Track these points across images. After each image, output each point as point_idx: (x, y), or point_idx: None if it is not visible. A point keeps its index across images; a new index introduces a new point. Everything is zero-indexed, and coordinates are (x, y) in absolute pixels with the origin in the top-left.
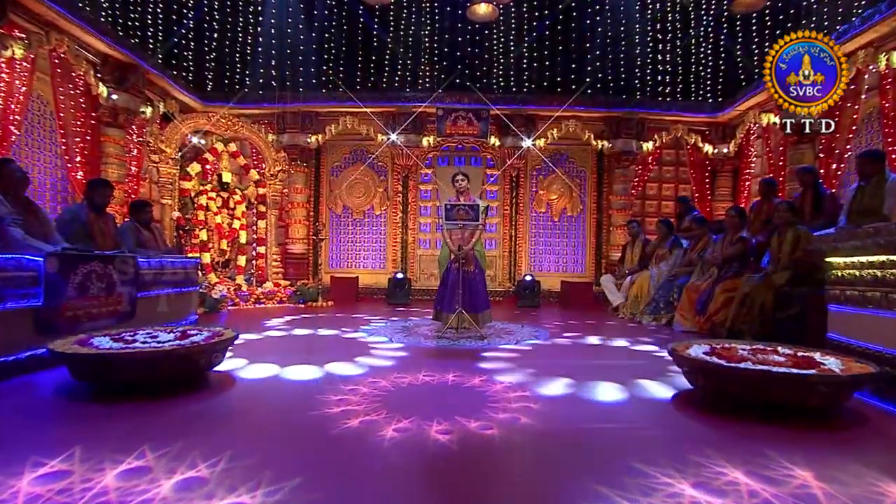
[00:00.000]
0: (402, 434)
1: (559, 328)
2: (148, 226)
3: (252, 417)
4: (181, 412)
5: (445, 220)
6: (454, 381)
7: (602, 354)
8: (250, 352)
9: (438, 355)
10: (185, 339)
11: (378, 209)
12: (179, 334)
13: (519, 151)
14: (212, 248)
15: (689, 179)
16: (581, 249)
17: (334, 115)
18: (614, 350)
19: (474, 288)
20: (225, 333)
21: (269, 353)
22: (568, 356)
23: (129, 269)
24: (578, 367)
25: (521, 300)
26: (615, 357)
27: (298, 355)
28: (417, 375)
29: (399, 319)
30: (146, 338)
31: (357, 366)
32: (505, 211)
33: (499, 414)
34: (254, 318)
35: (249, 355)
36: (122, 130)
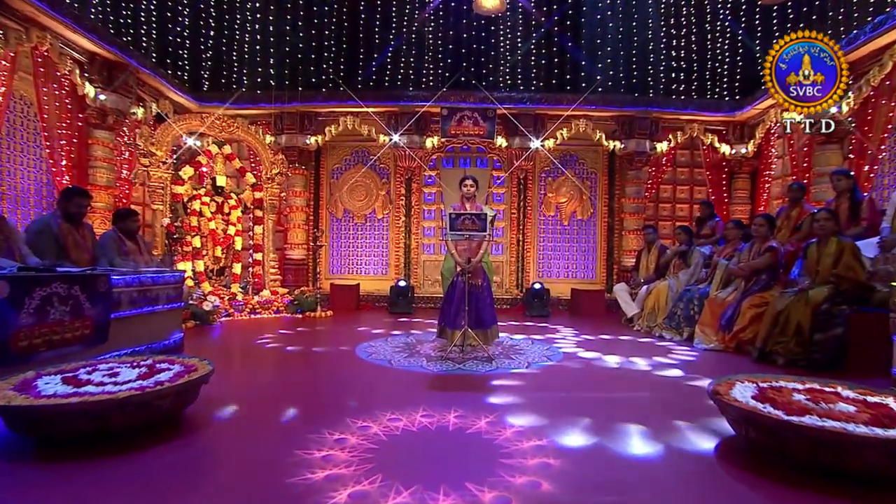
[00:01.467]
0: None
1: (574, 344)
2: (133, 236)
3: (222, 476)
4: (139, 471)
5: (449, 230)
6: (456, 423)
7: (623, 383)
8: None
9: (441, 385)
10: (150, 378)
11: (380, 213)
12: (145, 370)
13: (527, 153)
14: (206, 256)
15: (704, 181)
16: (592, 255)
17: (334, 115)
18: (635, 376)
19: (481, 303)
20: (199, 367)
21: (255, 378)
22: (586, 385)
23: (100, 287)
24: (599, 401)
25: (530, 309)
26: (638, 386)
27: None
28: (415, 417)
29: (401, 334)
30: (104, 376)
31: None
32: (512, 214)
33: (515, 477)
34: (247, 331)
35: (234, 383)
36: (111, 132)
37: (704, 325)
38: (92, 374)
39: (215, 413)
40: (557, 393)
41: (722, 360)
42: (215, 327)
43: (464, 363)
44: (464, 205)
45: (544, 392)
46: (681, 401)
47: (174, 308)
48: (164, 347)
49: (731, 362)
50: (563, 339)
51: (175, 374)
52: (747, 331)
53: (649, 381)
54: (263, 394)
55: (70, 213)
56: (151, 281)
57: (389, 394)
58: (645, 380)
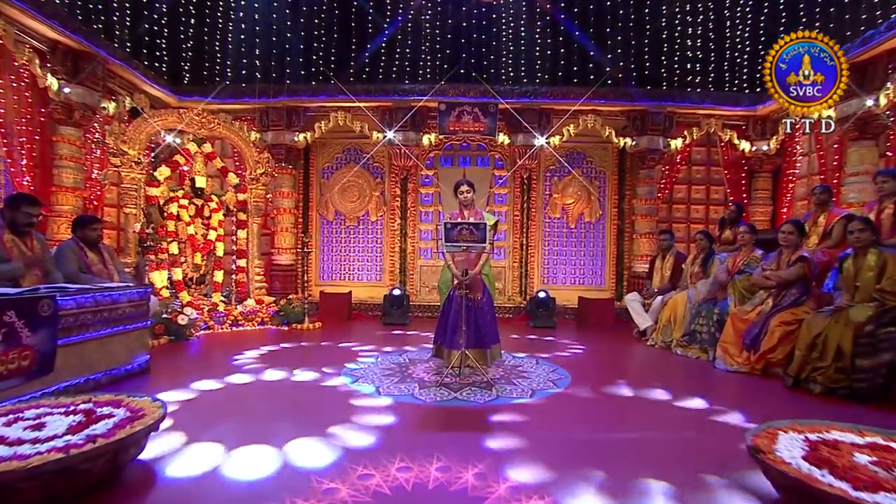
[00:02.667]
0: None
1: (581, 367)
2: (95, 245)
3: None
4: None
5: (445, 241)
6: (439, 479)
7: (640, 417)
8: (196, 417)
9: (430, 421)
10: (83, 430)
11: (374, 215)
12: (81, 418)
13: (531, 150)
14: (184, 263)
15: (722, 181)
16: (600, 260)
17: (324, 110)
18: (654, 411)
19: (481, 320)
20: (148, 411)
21: (220, 418)
22: (598, 421)
23: (42, 311)
24: (614, 445)
25: (535, 319)
26: (658, 426)
27: (256, 426)
28: (390, 470)
29: (394, 351)
30: (25, 429)
31: (327, 444)
32: (515, 217)
33: None
34: (227, 346)
35: (192, 425)
36: (78, 129)
37: (727, 344)
38: (12, 425)
39: (166, 467)
40: (565, 432)
41: (749, 385)
42: (192, 342)
43: (461, 391)
44: (462, 212)
45: (549, 430)
46: (709, 444)
47: (138, 328)
48: (126, 373)
49: (760, 388)
50: (570, 357)
51: (116, 423)
52: (776, 351)
53: (670, 414)
54: (231, 434)
55: (17, 223)
56: (111, 300)
57: (369, 436)
58: (665, 413)
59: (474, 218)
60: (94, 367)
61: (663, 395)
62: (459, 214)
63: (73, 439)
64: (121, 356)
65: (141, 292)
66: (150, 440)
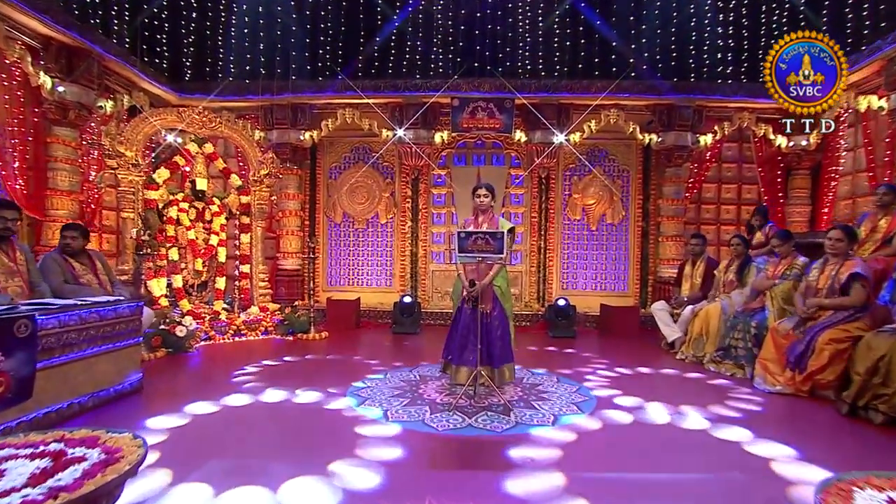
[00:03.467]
0: None
1: (607, 383)
2: (79, 254)
3: None
4: None
5: (458, 251)
6: None
7: (677, 454)
8: (185, 449)
9: (444, 458)
10: (47, 480)
11: (383, 217)
12: (48, 463)
13: (549, 148)
14: (184, 270)
15: (755, 179)
16: (623, 264)
17: (331, 107)
18: (691, 440)
19: (492, 335)
20: (126, 452)
21: (212, 451)
22: (629, 457)
23: (19, 332)
24: (649, 491)
25: (554, 329)
26: (696, 464)
27: (250, 461)
28: None
29: (403, 367)
30: None
31: (327, 485)
32: (532, 218)
33: None
34: (227, 360)
35: (180, 461)
36: (74, 129)
37: (767, 361)
38: None
39: None
40: (592, 470)
41: (795, 409)
42: (192, 355)
43: (476, 416)
44: (477, 218)
45: (575, 469)
46: (757, 491)
47: (130, 345)
48: (116, 394)
49: (810, 415)
50: (593, 373)
51: (86, 470)
52: (826, 372)
53: (710, 449)
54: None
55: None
56: (98, 316)
57: (374, 474)
58: (704, 447)
59: (490, 225)
60: (79, 389)
61: (700, 421)
62: (474, 220)
63: (32, 494)
64: (110, 376)
65: (132, 306)
66: (130, 482)
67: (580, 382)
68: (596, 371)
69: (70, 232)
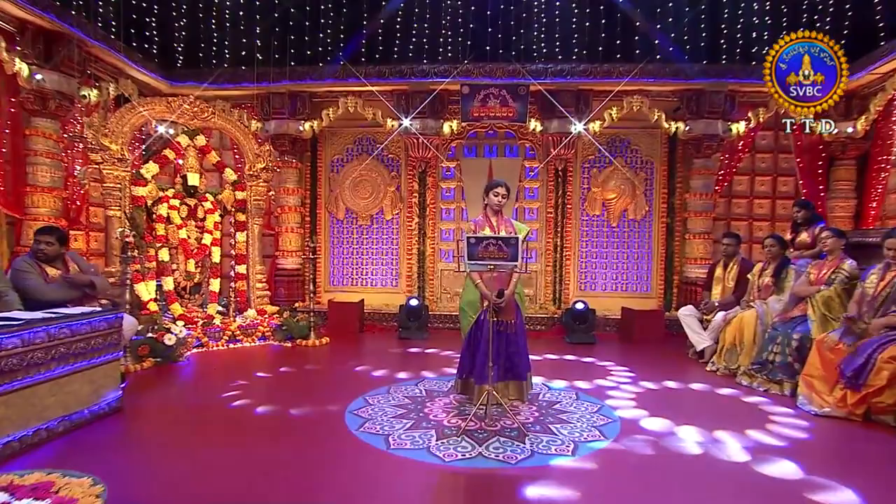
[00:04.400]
0: None
1: (632, 401)
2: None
3: None
4: None
5: (469, 259)
6: None
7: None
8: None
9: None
10: None
11: (389, 213)
12: None
13: (567, 138)
14: (176, 271)
15: (793, 170)
16: (646, 263)
17: (332, 95)
18: (731, 475)
19: (513, 347)
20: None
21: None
22: (660, 496)
23: None
24: None
25: (571, 334)
26: None
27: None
28: None
29: (409, 380)
30: None
31: None
32: (548, 214)
33: None
34: (219, 370)
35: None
36: (54, 120)
37: (813, 378)
38: None
39: None
40: None
41: (851, 439)
42: (182, 365)
43: (487, 442)
44: (488, 218)
45: None
46: None
47: (108, 361)
48: (91, 416)
49: (868, 446)
50: (615, 388)
51: None
52: (885, 394)
53: (751, 490)
54: None
55: None
56: (69, 331)
57: None
58: (744, 487)
59: (503, 227)
60: (47, 413)
61: (740, 451)
62: (485, 221)
63: None
64: (84, 397)
65: (110, 318)
66: None
67: (602, 401)
68: (619, 386)
69: (45, 237)
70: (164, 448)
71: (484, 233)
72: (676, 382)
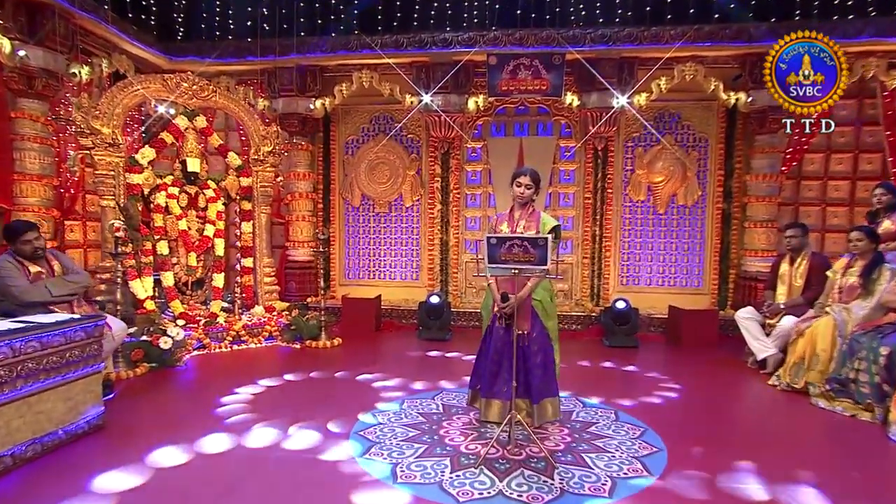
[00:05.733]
0: None
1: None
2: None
3: None
4: None
5: (489, 262)
6: None
7: None
8: None
9: None
10: None
11: (409, 199)
12: None
13: (609, 113)
14: (176, 266)
15: (880, 145)
16: (698, 255)
17: (345, 69)
18: None
19: (528, 361)
20: None
21: None
22: None
23: None
24: None
25: (611, 337)
26: None
27: None
28: None
29: (424, 392)
30: None
31: None
32: (586, 200)
33: None
34: (219, 378)
35: None
36: (42, 101)
37: None
38: None
39: None
40: None
41: None
42: (180, 370)
43: (509, 476)
44: (512, 213)
45: None
46: None
47: (87, 375)
48: (67, 437)
49: None
50: (661, 405)
51: None
52: None
53: None
54: None
55: None
56: (39, 344)
57: None
58: None
59: (530, 223)
60: (13, 437)
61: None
62: (509, 216)
63: None
64: (58, 416)
65: (89, 327)
66: None
67: (646, 424)
68: (666, 403)
69: (30, 235)
70: (140, 473)
71: (503, 230)
72: (735, 400)
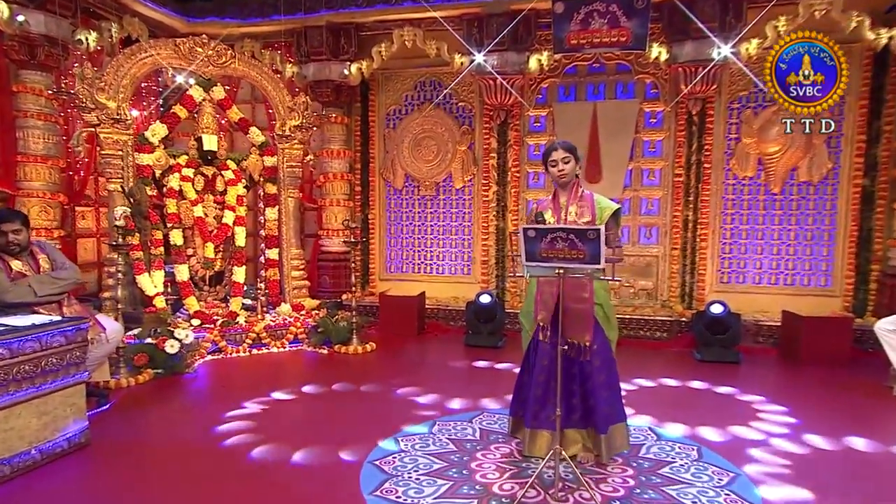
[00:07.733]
0: None
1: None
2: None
3: None
4: None
5: (526, 259)
6: None
7: None
8: None
9: None
10: None
11: (459, 180)
12: None
13: (707, 68)
14: (192, 258)
15: None
16: (826, 246)
17: (384, 26)
18: None
19: (589, 382)
20: None
21: None
22: None
23: None
24: None
25: (703, 350)
26: None
27: None
28: None
29: (461, 412)
30: None
31: None
32: (676, 178)
33: None
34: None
35: None
36: (46, 73)
37: None
38: None
39: None
40: None
41: None
42: (189, 378)
43: None
44: (557, 199)
45: None
46: None
47: (67, 385)
48: (43, 456)
49: None
50: (764, 443)
51: None
52: None
53: None
54: None
55: None
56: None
57: None
58: None
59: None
60: None
61: None
62: (553, 202)
63: None
64: (31, 432)
65: (68, 331)
66: None
67: (738, 467)
68: (769, 439)
69: (9, 225)
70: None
71: (548, 220)
72: (869, 441)
